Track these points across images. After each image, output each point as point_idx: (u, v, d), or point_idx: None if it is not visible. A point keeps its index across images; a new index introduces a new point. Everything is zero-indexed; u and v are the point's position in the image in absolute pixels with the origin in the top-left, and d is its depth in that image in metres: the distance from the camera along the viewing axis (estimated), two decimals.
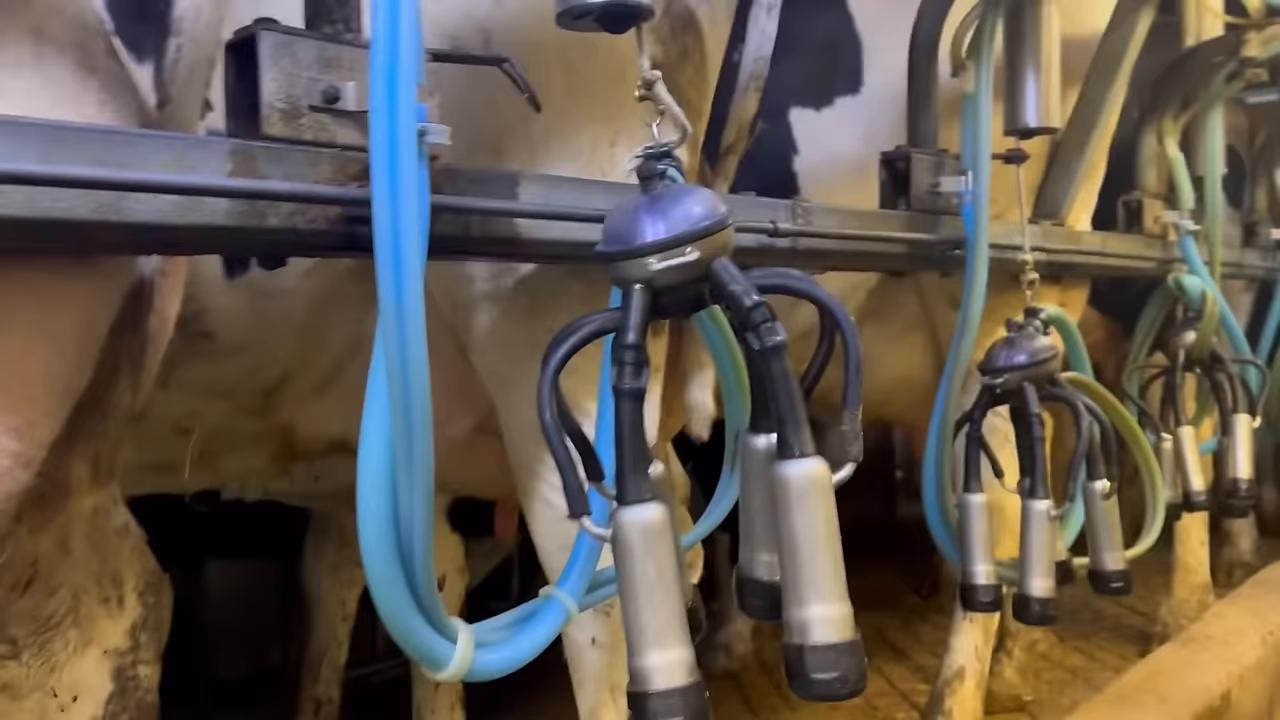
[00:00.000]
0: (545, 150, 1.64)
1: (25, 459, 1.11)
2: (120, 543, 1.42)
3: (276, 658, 3.47)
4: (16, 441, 1.09)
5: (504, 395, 1.79)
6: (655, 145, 1.19)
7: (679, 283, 1.12)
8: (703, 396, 1.95)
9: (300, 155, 1.16)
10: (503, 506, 2.66)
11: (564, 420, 1.12)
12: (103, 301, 1.15)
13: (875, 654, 3.71)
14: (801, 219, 1.77)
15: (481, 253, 1.46)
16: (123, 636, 1.40)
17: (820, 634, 1.07)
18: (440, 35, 1.55)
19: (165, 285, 1.27)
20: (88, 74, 1.08)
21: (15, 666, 1.31)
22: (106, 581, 1.39)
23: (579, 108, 1.65)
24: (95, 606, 1.37)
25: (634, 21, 1.18)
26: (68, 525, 1.32)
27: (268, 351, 1.84)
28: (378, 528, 1.12)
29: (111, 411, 1.24)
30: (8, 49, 1.01)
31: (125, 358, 1.22)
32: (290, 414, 1.97)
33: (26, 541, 1.22)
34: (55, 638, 1.33)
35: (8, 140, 0.97)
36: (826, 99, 2.65)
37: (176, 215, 1.08)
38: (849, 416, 1.10)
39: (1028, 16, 2.20)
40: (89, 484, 1.25)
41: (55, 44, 1.04)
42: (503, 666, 1.30)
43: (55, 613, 1.33)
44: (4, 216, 0.96)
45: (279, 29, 1.16)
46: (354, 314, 1.83)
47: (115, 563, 1.41)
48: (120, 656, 1.40)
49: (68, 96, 1.05)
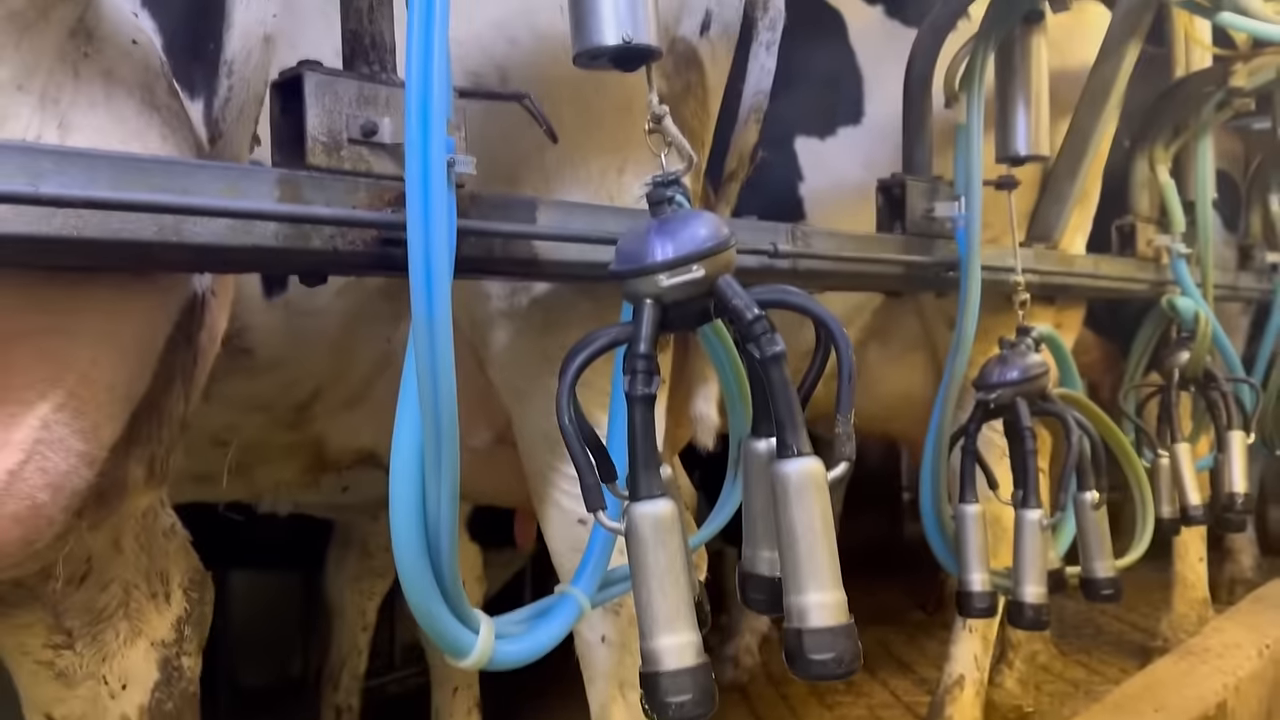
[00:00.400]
0: (559, 178, 1.75)
1: (90, 458, 1.21)
2: (167, 542, 1.52)
3: (298, 667, 3.56)
4: (83, 442, 1.19)
5: (519, 407, 1.90)
6: (664, 174, 1.30)
7: (686, 298, 1.23)
8: (707, 408, 2.05)
9: (341, 183, 1.27)
10: (521, 515, 2.75)
11: (580, 424, 1.22)
12: (161, 316, 1.26)
13: (880, 667, 3.78)
14: (800, 241, 1.88)
15: (504, 272, 1.57)
16: (169, 629, 1.50)
17: (817, 618, 1.16)
18: (463, 73, 1.67)
19: (215, 303, 1.37)
20: (151, 111, 1.20)
21: (70, 655, 1.41)
22: (155, 578, 1.49)
23: (589, 139, 1.76)
24: (144, 601, 1.47)
25: (643, 62, 1.29)
26: (120, 525, 1.42)
27: (301, 367, 1.94)
28: (408, 524, 1.21)
29: (166, 418, 1.34)
30: (82, 89, 1.13)
31: (179, 368, 1.33)
32: (322, 427, 2.08)
33: (84, 538, 1.32)
34: (107, 629, 1.43)
35: (84, 170, 1.08)
36: (830, 129, 2.77)
37: (230, 237, 1.18)
38: (842, 420, 1.20)
39: (1018, 50, 2.32)
40: (144, 484, 1.35)
41: (124, 85, 1.16)
42: (521, 657, 1.40)
43: (108, 606, 1.43)
44: (81, 238, 1.07)
45: (322, 70, 1.28)
46: (383, 331, 1.94)
47: (163, 561, 1.51)
48: (166, 648, 1.49)
49: (133, 131, 1.17)
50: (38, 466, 1.16)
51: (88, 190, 1.07)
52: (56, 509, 1.20)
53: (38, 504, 1.18)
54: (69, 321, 1.16)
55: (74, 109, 1.14)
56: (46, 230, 1.04)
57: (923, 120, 2.33)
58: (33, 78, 1.10)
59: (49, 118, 1.11)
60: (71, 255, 1.09)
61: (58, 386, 1.16)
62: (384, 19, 1.36)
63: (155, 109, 1.21)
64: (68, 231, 1.06)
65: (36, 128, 1.11)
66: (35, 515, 1.18)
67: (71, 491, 1.21)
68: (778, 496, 1.18)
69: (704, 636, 1.23)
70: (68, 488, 1.20)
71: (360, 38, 1.34)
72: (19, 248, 1.04)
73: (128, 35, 1.19)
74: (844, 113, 2.78)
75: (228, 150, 1.31)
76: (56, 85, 1.12)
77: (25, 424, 1.14)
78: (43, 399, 1.15)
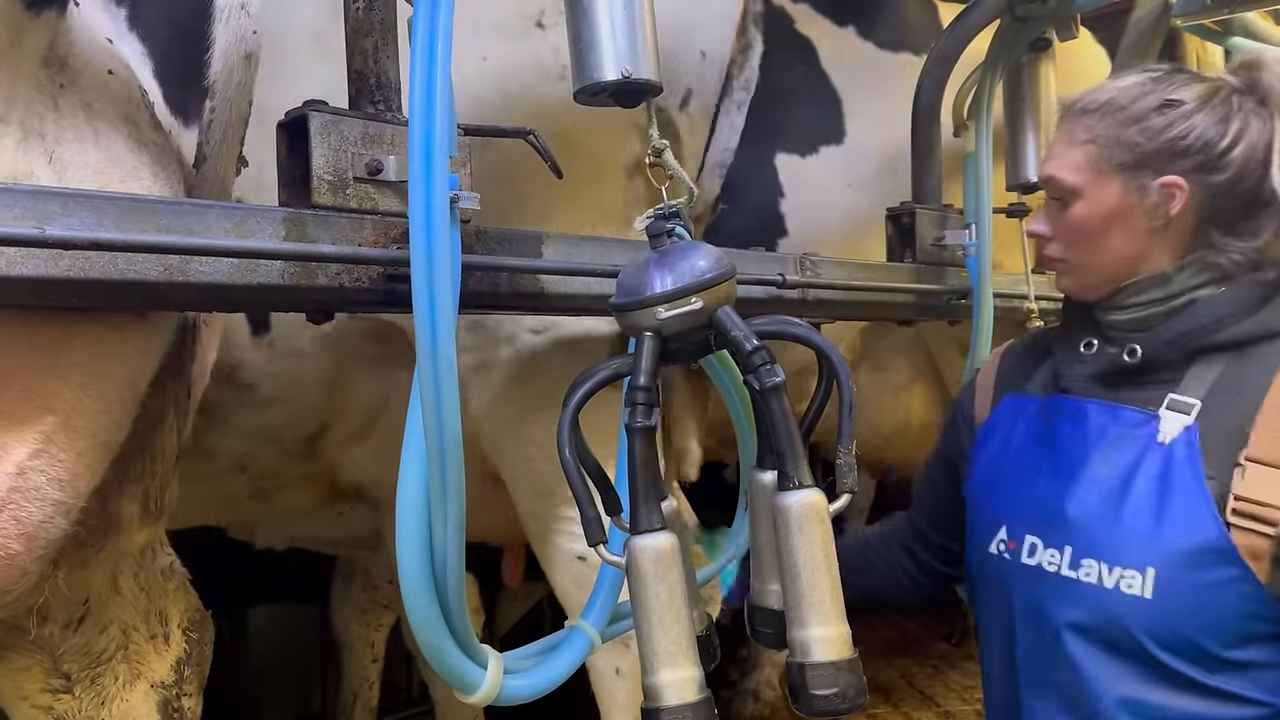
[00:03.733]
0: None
1: (65, 508, 1.19)
2: (166, 582, 1.51)
3: (317, 702, 3.56)
4: (59, 491, 1.18)
5: (504, 456, 1.91)
6: (664, 206, 1.31)
7: (685, 330, 1.23)
8: (687, 442, 2.06)
9: (346, 221, 1.29)
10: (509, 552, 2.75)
11: (582, 457, 1.22)
12: (150, 355, 1.25)
13: (904, 700, 3.73)
14: (810, 271, 1.88)
15: (509, 306, 1.58)
16: (169, 671, 1.49)
17: (820, 652, 1.15)
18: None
19: (206, 332, 1.37)
20: (140, 148, 1.19)
21: (69, 700, 1.40)
22: (154, 619, 1.48)
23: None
24: (143, 643, 1.46)
25: (644, 97, 1.30)
26: (117, 565, 1.41)
27: (300, 404, 1.97)
28: (414, 558, 1.21)
29: (160, 453, 1.34)
30: (65, 123, 1.12)
31: (172, 402, 1.32)
32: (333, 458, 2.10)
33: (71, 581, 1.29)
34: (106, 672, 1.42)
35: (90, 212, 1.10)
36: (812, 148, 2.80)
37: (236, 276, 1.20)
38: (844, 451, 1.20)
39: (1026, 78, 2.32)
40: (139, 521, 1.35)
41: (106, 119, 1.15)
42: (530, 692, 1.39)
43: (106, 648, 1.42)
44: (88, 279, 1.09)
45: (327, 110, 1.30)
46: (375, 372, 1.96)
47: (162, 601, 1.50)
48: (166, 690, 1.48)
49: (128, 171, 1.17)
50: (12, 516, 1.14)
51: (95, 232, 1.09)
52: (30, 559, 1.18)
53: (11, 554, 1.16)
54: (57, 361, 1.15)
55: (62, 145, 1.12)
56: (54, 272, 1.06)
57: (931, 149, 2.33)
58: (10, 108, 1.08)
59: (34, 151, 1.10)
60: (78, 296, 1.11)
61: (36, 431, 1.14)
62: (389, 59, 1.38)
63: (143, 145, 1.20)
64: (75, 273, 1.08)
65: (23, 161, 1.10)
66: (9, 565, 1.16)
67: (46, 542, 1.19)
68: (779, 528, 1.17)
69: (724, 669, 1.21)
70: (42, 538, 1.18)
71: (365, 77, 1.36)
72: (27, 289, 1.06)
73: (103, 65, 1.17)
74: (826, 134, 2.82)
75: (212, 172, 1.31)
76: (38, 117, 1.11)
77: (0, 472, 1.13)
78: (21, 444, 1.13)
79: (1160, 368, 1.37)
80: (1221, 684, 1.27)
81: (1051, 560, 1.37)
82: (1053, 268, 1.48)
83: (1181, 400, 1.33)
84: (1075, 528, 1.36)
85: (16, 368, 1.13)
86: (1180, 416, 1.32)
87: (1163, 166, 1.35)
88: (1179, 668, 1.28)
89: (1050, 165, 1.43)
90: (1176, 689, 1.28)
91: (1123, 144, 1.36)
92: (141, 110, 1.22)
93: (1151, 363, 1.37)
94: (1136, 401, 1.37)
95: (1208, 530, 1.26)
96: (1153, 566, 1.28)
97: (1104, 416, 1.39)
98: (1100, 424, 1.39)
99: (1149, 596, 1.28)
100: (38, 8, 1.09)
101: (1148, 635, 1.28)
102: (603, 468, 1.29)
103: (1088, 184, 1.39)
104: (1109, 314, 1.42)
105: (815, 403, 1.32)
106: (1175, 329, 1.36)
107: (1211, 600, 1.26)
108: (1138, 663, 1.30)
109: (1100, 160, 1.38)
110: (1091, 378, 1.43)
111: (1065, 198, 1.41)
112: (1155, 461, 1.32)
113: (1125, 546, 1.31)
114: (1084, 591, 1.33)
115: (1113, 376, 1.41)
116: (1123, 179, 1.37)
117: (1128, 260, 1.39)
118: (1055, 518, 1.38)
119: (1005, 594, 1.44)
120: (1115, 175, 1.37)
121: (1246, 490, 1.26)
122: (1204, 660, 1.27)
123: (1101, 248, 1.40)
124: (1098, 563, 1.32)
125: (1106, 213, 1.38)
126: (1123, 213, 1.37)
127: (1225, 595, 1.26)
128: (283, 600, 3.37)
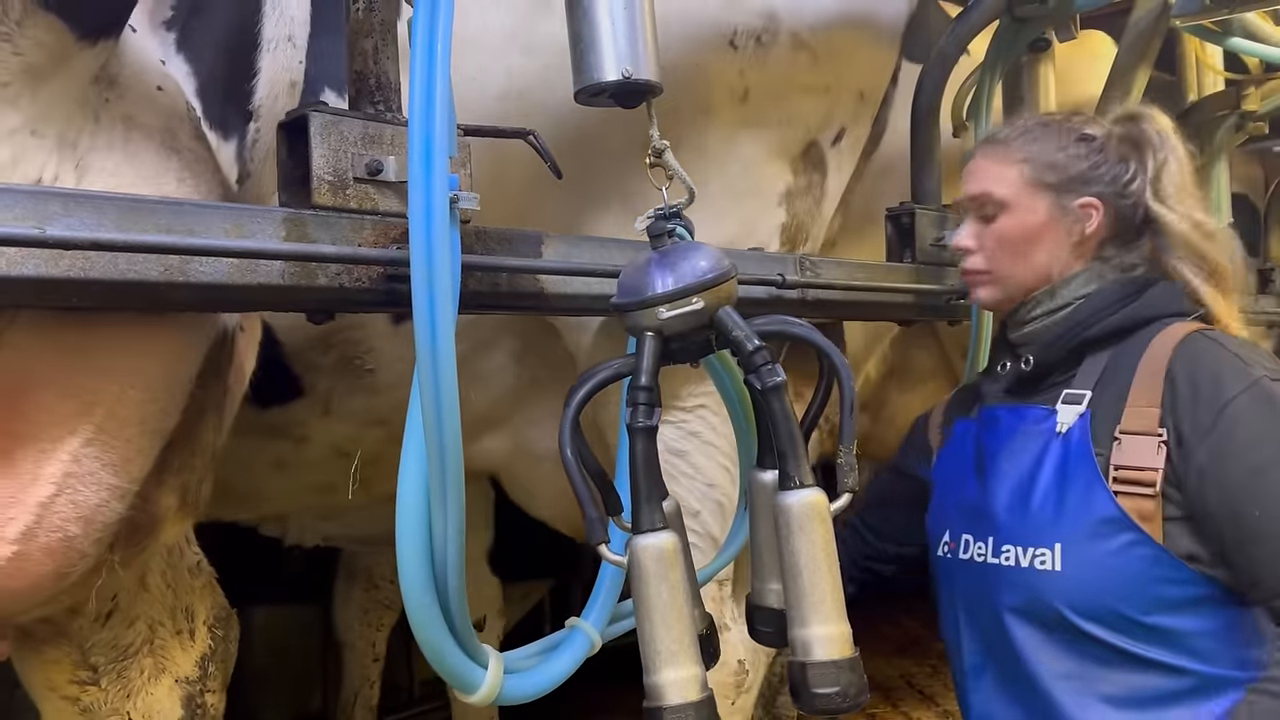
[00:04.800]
0: None
1: (121, 492, 1.24)
2: (193, 579, 1.54)
3: (317, 702, 3.56)
4: (114, 476, 1.22)
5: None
6: (665, 206, 1.31)
7: (686, 330, 1.23)
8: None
9: (346, 222, 1.29)
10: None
11: (583, 458, 1.22)
12: (189, 353, 1.28)
13: (903, 700, 3.73)
14: (809, 271, 1.88)
15: (510, 307, 1.58)
16: (193, 667, 1.52)
17: (821, 651, 1.15)
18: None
19: (243, 339, 1.40)
20: (169, 154, 1.23)
21: (95, 692, 1.43)
22: (180, 615, 1.51)
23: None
24: (169, 638, 1.49)
25: (644, 98, 1.30)
26: (146, 562, 1.44)
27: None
28: (415, 560, 1.21)
29: (200, 448, 1.37)
30: (102, 134, 1.16)
31: (212, 402, 1.35)
32: None
33: (113, 573, 1.33)
34: (132, 666, 1.45)
35: (91, 212, 1.10)
36: None
37: (236, 276, 1.20)
38: (845, 450, 1.20)
39: (1025, 78, 2.32)
40: (177, 514, 1.37)
41: (143, 129, 1.19)
42: (530, 692, 1.39)
43: (133, 643, 1.45)
44: (88, 279, 1.09)
45: (327, 110, 1.30)
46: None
47: (188, 598, 1.53)
48: (190, 685, 1.51)
49: (148, 175, 1.20)
50: (69, 500, 1.18)
51: (95, 232, 1.09)
52: (88, 542, 1.23)
53: (70, 536, 1.20)
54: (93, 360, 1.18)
55: (92, 152, 1.17)
56: (54, 272, 1.06)
57: (931, 150, 2.33)
58: (48, 123, 1.13)
59: (66, 161, 1.15)
60: (79, 296, 1.11)
61: (86, 422, 1.18)
62: (388, 59, 1.38)
63: (175, 152, 1.24)
64: (75, 273, 1.08)
65: (53, 170, 1.14)
66: (67, 548, 1.20)
67: (103, 524, 1.24)
68: (779, 528, 1.18)
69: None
70: (99, 520, 1.22)
71: (365, 78, 1.36)
72: (27, 289, 1.06)
73: (152, 82, 1.23)
74: None
75: (255, 188, 1.34)
76: (75, 130, 1.16)
77: (55, 458, 1.17)
78: (73, 434, 1.17)
79: (1053, 369, 1.52)
80: (1151, 653, 1.37)
81: (980, 552, 1.51)
82: (974, 280, 1.60)
83: (1073, 393, 1.48)
84: (995, 519, 1.50)
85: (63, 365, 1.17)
86: (1073, 407, 1.47)
87: (1081, 189, 1.53)
88: (1104, 637, 1.38)
89: (982, 182, 1.57)
90: (1108, 663, 1.39)
91: (1052, 166, 1.53)
92: (183, 122, 1.28)
93: (1044, 365, 1.52)
94: (1038, 402, 1.53)
95: (1101, 502, 1.40)
96: (1059, 542, 1.41)
97: (1012, 418, 1.55)
98: (1010, 425, 1.54)
99: (1060, 569, 1.41)
100: (93, 37, 1.16)
101: (1068, 606, 1.40)
102: (603, 468, 1.29)
103: (1019, 199, 1.54)
104: (1013, 331, 1.59)
105: (816, 403, 1.32)
106: (1054, 333, 1.52)
107: (1118, 566, 1.38)
108: (1068, 636, 1.41)
109: (1031, 178, 1.53)
110: (1003, 390, 1.59)
111: (993, 212, 1.55)
112: (1055, 450, 1.46)
113: (1035, 528, 1.44)
114: (1009, 574, 1.46)
115: (1018, 385, 1.56)
116: (1050, 197, 1.53)
117: (1043, 272, 1.54)
118: (980, 513, 1.53)
119: (951, 590, 1.59)
120: (1044, 194, 1.53)
121: (1123, 459, 1.40)
122: (1126, 626, 1.38)
123: (1024, 259, 1.54)
124: (1014, 547, 1.46)
125: (1035, 226, 1.53)
126: (1048, 228, 1.53)
127: (1128, 560, 1.38)
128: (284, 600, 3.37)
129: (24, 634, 1.37)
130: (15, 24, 1.06)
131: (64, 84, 1.15)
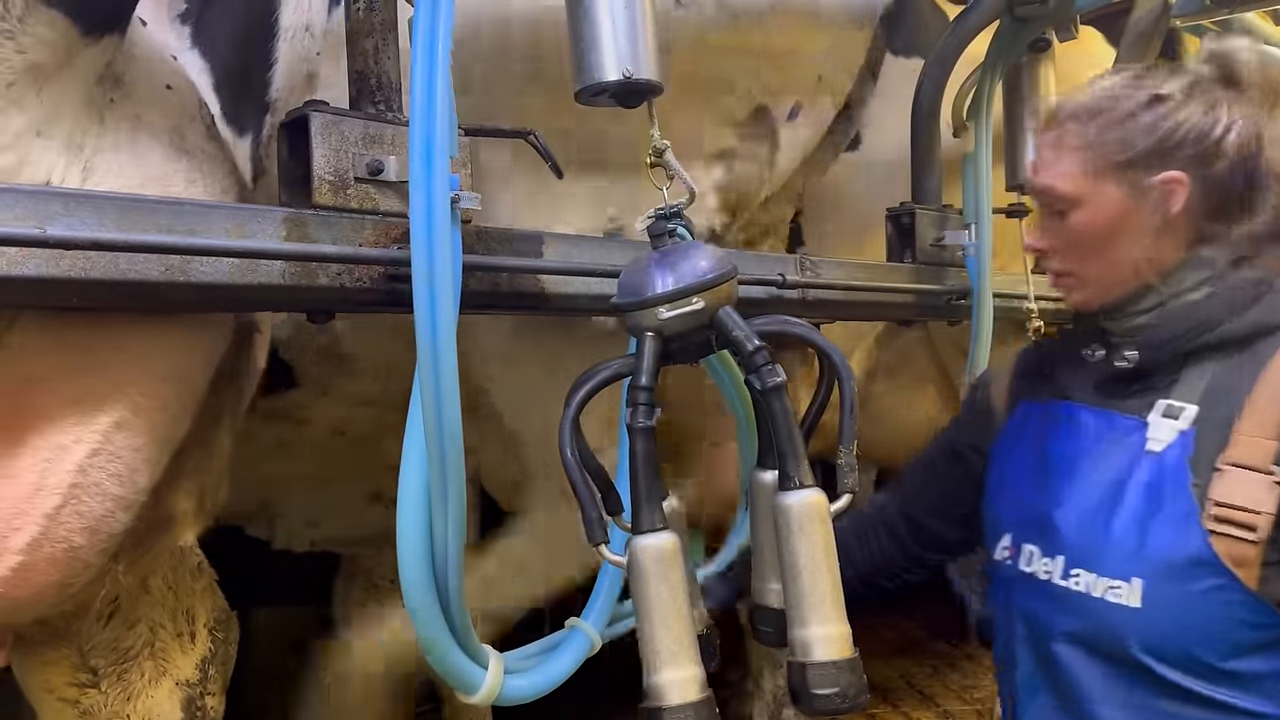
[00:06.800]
0: None
1: (126, 503, 1.23)
2: (194, 581, 1.53)
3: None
4: (120, 487, 1.21)
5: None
6: (665, 206, 1.31)
7: (687, 330, 1.23)
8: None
9: (347, 221, 1.29)
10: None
11: (583, 457, 1.21)
12: (202, 359, 1.27)
13: (903, 700, 3.73)
14: (809, 271, 1.88)
15: (510, 307, 1.58)
16: (193, 669, 1.51)
17: (821, 652, 1.15)
18: None
19: (259, 341, 1.39)
20: (178, 155, 1.22)
21: (95, 694, 1.42)
22: (181, 617, 1.51)
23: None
24: (170, 640, 1.49)
25: (645, 98, 1.30)
26: (149, 564, 1.43)
27: None
28: (415, 560, 1.21)
29: (215, 451, 1.36)
30: (108, 135, 1.15)
31: (227, 405, 1.35)
32: None
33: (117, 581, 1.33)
34: (132, 668, 1.44)
35: (91, 212, 1.10)
36: None
37: (237, 276, 1.20)
38: (845, 451, 1.20)
39: (1025, 78, 2.32)
40: (194, 517, 1.37)
41: (151, 129, 1.18)
42: (530, 692, 1.39)
43: (133, 645, 1.45)
44: (89, 279, 1.09)
45: (328, 110, 1.30)
46: None
47: (189, 600, 1.52)
48: (190, 688, 1.50)
49: (155, 176, 1.19)
50: (74, 510, 1.18)
51: (96, 232, 1.09)
52: (93, 552, 1.22)
53: (74, 547, 1.19)
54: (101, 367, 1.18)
55: (99, 154, 1.16)
56: (54, 272, 1.06)
57: (931, 150, 2.33)
58: (55, 124, 1.12)
59: (73, 164, 1.14)
60: (80, 296, 1.11)
61: (93, 431, 1.17)
62: (389, 59, 1.38)
63: (184, 153, 1.23)
64: (76, 273, 1.08)
65: (60, 173, 1.13)
66: (72, 558, 1.19)
67: (108, 535, 1.22)
68: (779, 528, 1.17)
69: (727, 670, 1.22)
70: (104, 531, 1.21)
71: (366, 78, 1.36)
72: (28, 289, 1.06)
73: (161, 80, 1.21)
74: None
75: (272, 186, 1.33)
76: (81, 131, 1.15)
77: (61, 468, 1.16)
78: (79, 444, 1.16)
79: (1154, 373, 1.34)
80: (1223, 696, 1.24)
81: (1046, 569, 1.36)
82: (1061, 284, 1.42)
83: (1174, 405, 1.31)
84: (1067, 537, 1.35)
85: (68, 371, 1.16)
86: (1172, 423, 1.30)
87: (1159, 163, 1.31)
88: (1177, 680, 1.25)
89: (1044, 175, 1.38)
90: (1177, 700, 1.26)
91: (1116, 145, 1.33)
92: (194, 121, 1.26)
93: (1146, 368, 1.34)
94: (1130, 409, 1.35)
95: (1194, 542, 1.24)
96: (1140, 578, 1.26)
97: (1099, 424, 1.37)
98: (1095, 431, 1.37)
99: (1138, 606, 1.26)
100: (97, 33, 1.13)
101: (1141, 645, 1.26)
102: (603, 468, 1.29)
103: (1086, 191, 1.34)
104: (1111, 321, 1.39)
105: (816, 403, 1.32)
106: (1168, 332, 1.33)
107: (1201, 610, 1.24)
108: (1134, 673, 1.28)
109: (1095, 165, 1.34)
110: (1090, 384, 1.41)
111: (1063, 208, 1.36)
112: (1145, 470, 1.30)
113: (1115, 558, 1.29)
114: (1077, 600, 1.32)
115: (1110, 383, 1.38)
116: (1121, 181, 1.33)
117: (1136, 264, 1.35)
118: (1047, 524, 1.37)
119: (1008, 599, 1.45)
120: (1112, 178, 1.33)
121: (1224, 494, 1.23)
122: (1201, 671, 1.25)
123: (1110, 255, 1.35)
124: (1086, 573, 1.31)
125: (1110, 218, 1.33)
126: (1126, 216, 1.33)
127: (1212, 605, 1.23)
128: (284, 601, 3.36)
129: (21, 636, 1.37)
130: (17, 20, 1.04)
131: (69, 83, 1.13)
